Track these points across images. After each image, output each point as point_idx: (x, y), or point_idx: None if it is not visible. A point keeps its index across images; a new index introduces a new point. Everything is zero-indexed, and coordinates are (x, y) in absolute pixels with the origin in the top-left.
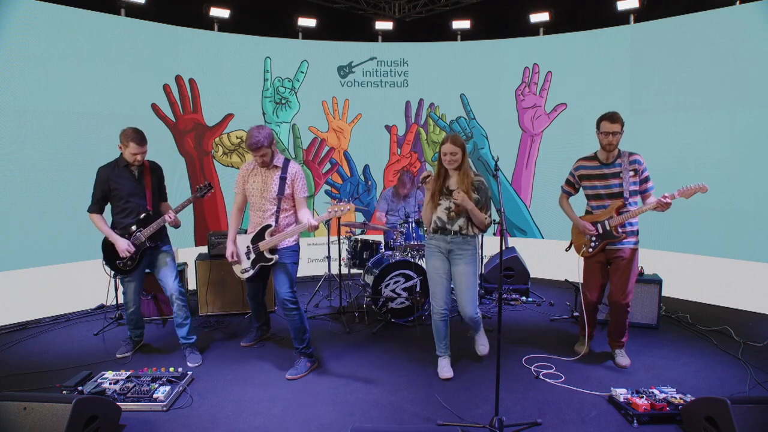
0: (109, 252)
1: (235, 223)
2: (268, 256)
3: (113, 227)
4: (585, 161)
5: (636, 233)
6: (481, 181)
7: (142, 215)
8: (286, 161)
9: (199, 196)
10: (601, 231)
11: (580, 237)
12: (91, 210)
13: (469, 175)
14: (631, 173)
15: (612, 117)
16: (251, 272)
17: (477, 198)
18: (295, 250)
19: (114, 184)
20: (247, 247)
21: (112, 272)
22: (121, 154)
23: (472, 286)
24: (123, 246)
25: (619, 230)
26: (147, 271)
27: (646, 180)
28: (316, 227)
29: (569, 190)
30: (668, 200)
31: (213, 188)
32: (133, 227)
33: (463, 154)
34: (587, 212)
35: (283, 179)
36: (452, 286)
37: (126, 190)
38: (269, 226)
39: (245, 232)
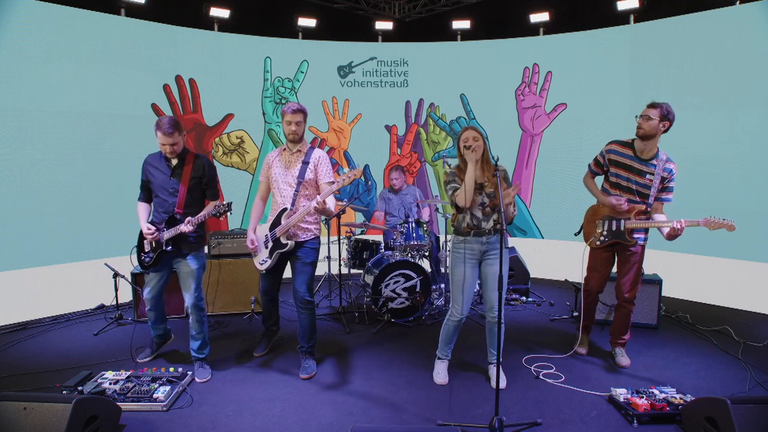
0: (139, 244)
1: (256, 213)
2: (284, 241)
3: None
4: (619, 146)
5: (646, 230)
6: (505, 170)
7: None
8: (311, 148)
9: (215, 213)
10: (614, 229)
11: (592, 226)
12: (138, 198)
13: (493, 165)
14: (659, 179)
15: (653, 102)
16: (269, 262)
17: (506, 186)
18: (315, 247)
19: (149, 175)
20: (266, 235)
21: (137, 265)
22: None
23: (503, 285)
24: (143, 228)
25: (633, 236)
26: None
27: (668, 190)
28: (324, 210)
29: (596, 171)
30: (680, 229)
31: (231, 211)
32: (164, 228)
33: (484, 143)
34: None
35: (305, 164)
36: (479, 284)
37: (156, 183)
38: (286, 209)
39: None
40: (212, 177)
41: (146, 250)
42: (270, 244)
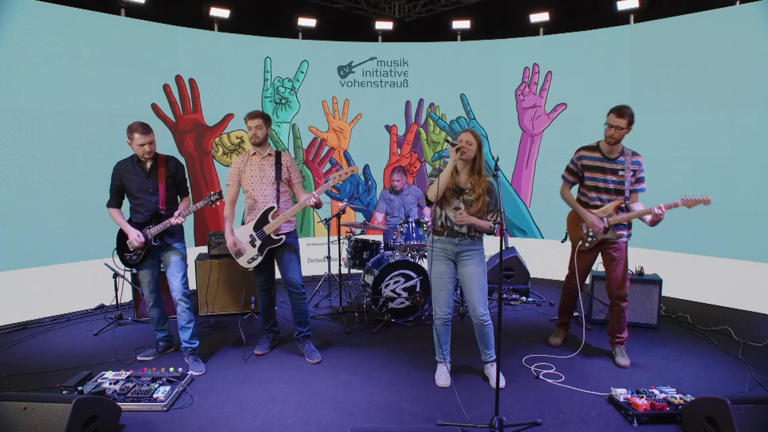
0: (120, 245)
1: (231, 215)
2: (275, 237)
3: (129, 222)
4: (587, 151)
5: (629, 226)
6: (491, 182)
7: (154, 213)
8: (277, 152)
9: (207, 203)
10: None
11: (577, 230)
12: (108, 204)
13: (484, 177)
14: (631, 173)
15: (619, 111)
16: (260, 259)
17: (488, 201)
18: (295, 236)
19: (125, 180)
20: (250, 235)
21: (123, 267)
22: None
23: (483, 287)
24: (132, 236)
25: (617, 230)
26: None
27: (640, 180)
28: (319, 203)
29: (572, 180)
30: (661, 214)
31: (222, 197)
32: (150, 225)
33: (479, 151)
34: (583, 203)
35: (279, 165)
36: (459, 286)
37: (135, 186)
38: (272, 208)
39: (242, 224)
40: (184, 175)
41: (130, 250)
42: (258, 242)
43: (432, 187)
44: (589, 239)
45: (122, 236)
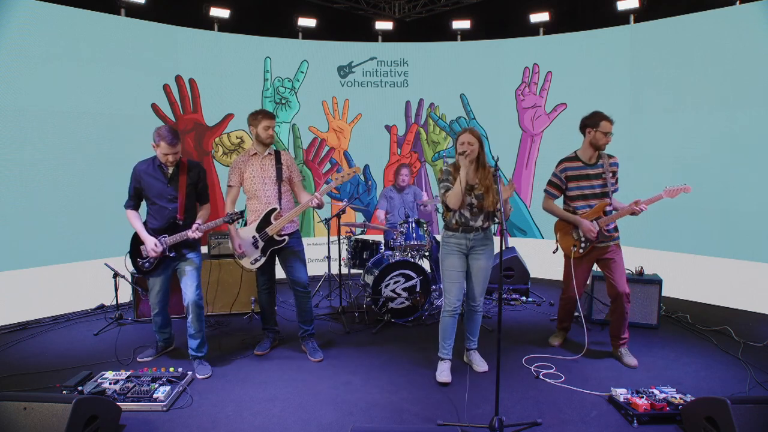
0: (134, 248)
1: None
2: (278, 238)
3: (145, 225)
4: (569, 162)
5: (616, 228)
6: (492, 170)
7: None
8: (276, 151)
9: (227, 221)
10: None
11: (568, 237)
12: (126, 206)
13: (488, 169)
14: (610, 174)
15: (609, 118)
16: (263, 260)
17: (495, 188)
18: (299, 236)
19: (144, 183)
20: (253, 237)
21: (134, 270)
22: None
23: (487, 279)
24: (150, 245)
25: (609, 230)
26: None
27: (617, 181)
28: (321, 204)
29: (555, 193)
30: (644, 209)
31: (243, 217)
32: (165, 234)
33: (481, 147)
34: (570, 213)
35: (279, 165)
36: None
37: (154, 191)
38: (274, 209)
39: (245, 224)
40: (206, 182)
41: (144, 256)
42: (261, 244)
43: (451, 196)
44: (582, 245)
45: (136, 240)
